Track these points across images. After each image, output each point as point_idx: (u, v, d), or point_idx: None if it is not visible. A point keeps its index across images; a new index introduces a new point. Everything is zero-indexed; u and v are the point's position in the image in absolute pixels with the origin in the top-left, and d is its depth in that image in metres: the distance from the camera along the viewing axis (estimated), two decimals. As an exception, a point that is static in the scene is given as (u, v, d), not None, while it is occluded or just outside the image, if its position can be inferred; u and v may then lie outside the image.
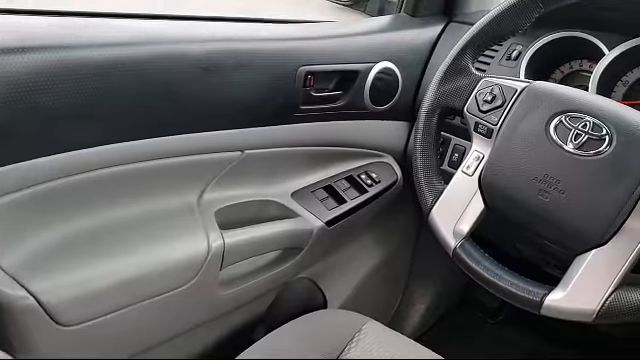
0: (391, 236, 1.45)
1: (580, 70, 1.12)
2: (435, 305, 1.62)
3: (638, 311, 0.68)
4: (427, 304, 1.60)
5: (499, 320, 1.65)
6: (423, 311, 1.59)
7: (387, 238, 1.44)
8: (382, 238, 1.42)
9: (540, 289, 0.75)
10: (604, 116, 0.74)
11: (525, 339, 1.57)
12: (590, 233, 0.72)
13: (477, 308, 1.67)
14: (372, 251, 1.40)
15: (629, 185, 0.70)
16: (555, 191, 0.74)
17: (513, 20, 0.85)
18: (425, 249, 1.54)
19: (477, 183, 0.83)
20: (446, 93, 0.88)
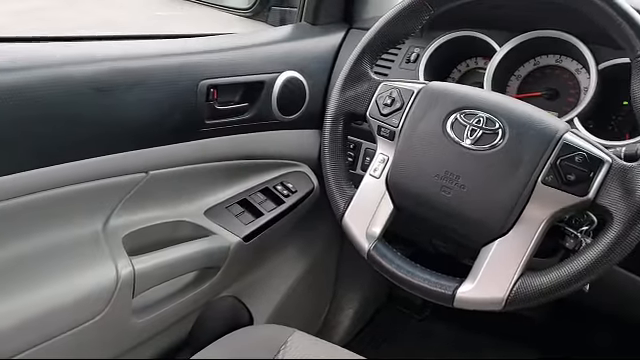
0: (314, 244, 1.45)
1: (476, 68, 1.17)
2: (364, 308, 1.63)
3: (543, 295, 0.71)
4: (355, 308, 1.61)
5: (425, 316, 1.68)
6: (352, 315, 1.60)
7: (310, 247, 1.43)
8: (304, 247, 1.41)
9: (451, 282, 0.76)
10: (496, 111, 0.77)
11: (450, 331, 1.61)
12: (492, 224, 0.74)
13: (403, 306, 1.69)
14: (295, 261, 1.39)
15: (524, 175, 0.73)
16: (456, 186, 0.76)
17: (405, 23, 0.86)
18: (349, 254, 1.55)
19: (385, 185, 0.84)
20: (348, 100, 0.89)
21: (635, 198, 0.66)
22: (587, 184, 0.70)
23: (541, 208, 0.72)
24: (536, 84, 1.10)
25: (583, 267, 0.68)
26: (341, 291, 1.60)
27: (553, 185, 0.71)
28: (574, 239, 0.78)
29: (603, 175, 0.69)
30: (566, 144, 0.72)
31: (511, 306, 0.72)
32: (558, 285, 0.70)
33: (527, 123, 0.75)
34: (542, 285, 0.70)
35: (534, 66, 1.10)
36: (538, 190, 0.72)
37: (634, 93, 0.70)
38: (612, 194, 0.68)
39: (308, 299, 1.49)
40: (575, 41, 0.99)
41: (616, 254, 0.67)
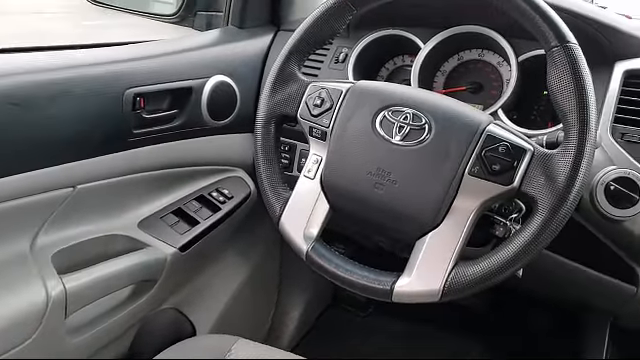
0: (255, 250, 1.44)
1: (403, 65, 1.19)
2: (309, 310, 1.63)
3: (477, 283, 0.73)
4: (301, 311, 1.61)
5: (370, 312, 1.70)
6: (298, 318, 1.60)
7: (251, 252, 1.42)
8: (245, 253, 1.40)
9: (389, 277, 0.77)
10: (421, 107, 0.79)
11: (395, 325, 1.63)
12: (424, 217, 0.75)
13: (348, 304, 1.70)
14: (236, 268, 1.38)
15: (451, 168, 0.74)
16: (388, 182, 0.78)
17: (329, 23, 0.87)
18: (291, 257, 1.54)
19: (319, 185, 0.84)
20: (278, 102, 0.89)
21: (557, 184, 0.69)
22: (512, 173, 0.72)
23: (470, 199, 0.74)
24: (461, 79, 1.13)
25: (513, 254, 0.70)
26: (285, 295, 1.59)
27: (480, 176, 0.73)
28: (504, 227, 0.81)
29: (526, 163, 0.72)
30: (490, 135, 0.74)
31: (447, 296, 0.74)
32: (491, 273, 0.72)
33: (451, 117, 0.77)
34: (475, 274, 0.72)
35: (458, 61, 1.13)
36: (466, 181, 0.74)
37: (550, 83, 0.73)
38: (535, 181, 0.71)
39: (252, 305, 1.48)
40: (495, 35, 1.03)
41: (543, 239, 0.70)
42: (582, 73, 0.70)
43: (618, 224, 0.87)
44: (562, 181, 0.69)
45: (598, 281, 0.97)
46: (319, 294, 1.67)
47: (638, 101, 0.90)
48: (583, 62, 0.70)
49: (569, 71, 0.70)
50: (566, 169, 0.69)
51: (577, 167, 0.68)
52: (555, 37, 0.71)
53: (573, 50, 0.70)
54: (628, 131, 0.89)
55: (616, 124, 0.90)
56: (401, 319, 1.63)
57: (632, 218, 0.84)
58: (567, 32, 0.71)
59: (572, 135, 0.69)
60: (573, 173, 0.68)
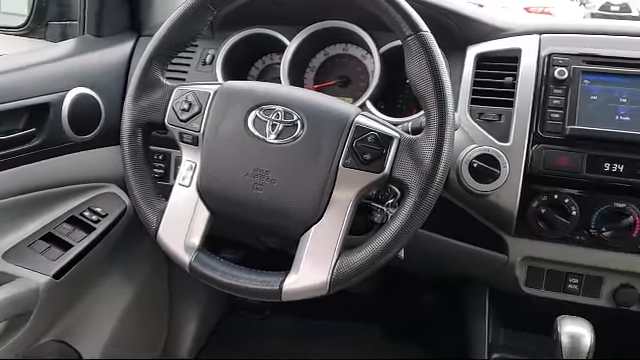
0: (139, 267, 1.37)
1: (272, 64, 1.19)
2: (205, 321, 1.59)
3: (362, 270, 0.74)
4: (196, 323, 1.56)
5: (267, 314, 1.69)
6: (194, 330, 1.55)
7: (135, 271, 1.36)
8: (129, 272, 1.33)
9: (277, 277, 0.77)
10: (291, 103, 0.79)
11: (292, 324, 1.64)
12: (305, 213, 0.76)
13: (244, 309, 1.69)
14: (121, 289, 1.31)
15: (326, 161, 0.75)
16: (267, 182, 0.77)
17: (189, 25, 0.84)
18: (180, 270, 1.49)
19: (196, 192, 0.82)
20: (143, 109, 0.85)
21: (424, 166, 0.72)
22: (382, 160, 0.74)
23: (347, 189, 0.75)
24: (330, 73, 1.16)
25: (391, 237, 0.73)
26: (178, 309, 1.54)
27: (353, 166, 0.75)
28: (381, 213, 0.83)
29: (394, 150, 0.74)
30: (358, 126, 0.76)
31: (336, 287, 0.75)
32: (373, 258, 0.74)
33: (321, 112, 0.78)
34: (359, 261, 0.74)
35: (325, 56, 1.15)
36: (341, 173, 0.75)
37: (408, 71, 0.76)
38: (404, 166, 0.74)
39: (143, 325, 1.41)
40: (357, 29, 1.06)
41: (417, 219, 0.73)
42: (436, 59, 0.73)
43: (484, 198, 0.93)
44: (428, 163, 0.72)
45: (473, 254, 1.03)
46: (214, 303, 1.63)
47: (491, 82, 0.97)
48: (436, 49, 0.74)
49: (424, 58, 0.73)
50: (430, 151, 0.72)
51: (440, 149, 0.72)
52: (409, 27, 0.74)
53: (426, 38, 0.74)
54: (484, 111, 0.95)
55: (473, 105, 0.96)
56: (299, 316, 1.64)
57: (495, 191, 0.90)
58: (419, 21, 0.75)
59: (432, 119, 0.73)
60: (437, 155, 0.72)
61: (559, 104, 0.90)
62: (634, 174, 0.87)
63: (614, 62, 0.91)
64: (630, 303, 0.98)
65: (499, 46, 0.99)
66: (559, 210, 0.92)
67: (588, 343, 0.82)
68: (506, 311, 1.21)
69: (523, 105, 0.92)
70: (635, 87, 0.88)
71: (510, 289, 1.05)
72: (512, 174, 0.90)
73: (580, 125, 0.88)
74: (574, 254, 0.97)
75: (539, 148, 0.90)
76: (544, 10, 6.66)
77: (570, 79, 0.90)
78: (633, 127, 0.87)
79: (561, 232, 0.93)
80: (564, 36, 0.97)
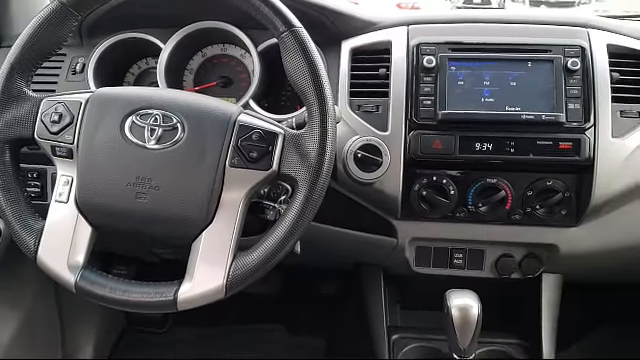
0: (23, 293, 1.28)
1: (149, 68, 1.16)
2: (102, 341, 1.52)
3: (259, 269, 0.74)
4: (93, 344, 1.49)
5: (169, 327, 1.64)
6: (91, 353, 1.47)
7: (18, 298, 1.26)
8: (12, 300, 1.24)
9: (171, 287, 0.75)
10: (170, 106, 0.77)
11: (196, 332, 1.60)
12: (194, 217, 0.74)
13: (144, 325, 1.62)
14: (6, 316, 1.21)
15: (211, 163, 0.74)
16: (151, 190, 0.75)
17: (52, 33, 0.79)
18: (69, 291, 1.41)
19: (76, 208, 0.77)
20: (8, 124, 0.79)
21: (310, 160, 0.73)
22: (269, 157, 0.75)
23: (236, 190, 0.75)
24: (210, 75, 1.14)
25: (284, 233, 0.73)
26: (71, 332, 1.45)
27: (240, 166, 0.74)
28: (273, 210, 0.84)
29: (280, 146, 0.75)
30: (242, 125, 0.75)
31: (233, 289, 0.74)
32: (268, 256, 0.74)
33: (202, 113, 0.76)
34: (254, 261, 0.74)
35: (203, 58, 1.14)
36: (228, 174, 0.74)
37: (286, 67, 0.76)
38: (291, 161, 0.75)
39: (34, 353, 1.31)
40: (233, 29, 1.05)
41: (308, 213, 0.74)
42: (312, 54, 0.74)
43: (370, 186, 0.96)
44: (314, 157, 0.73)
45: (365, 241, 1.06)
46: (110, 322, 1.56)
47: (366, 74, 1.00)
48: (311, 44, 0.75)
49: (300, 54, 0.74)
50: (315, 145, 0.73)
51: (324, 142, 0.73)
52: (282, 23, 0.75)
53: (300, 34, 0.75)
54: (363, 102, 0.98)
55: (352, 97, 0.99)
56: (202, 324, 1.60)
57: (380, 179, 0.94)
58: (292, 18, 0.76)
59: (314, 113, 0.74)
60: (322, 147, 0.73)
61: (430, 91, 0.95)
62: (502, 151, 0.94)
63: (477, 48, 0.98)
64: (510, 271, 1.06)
65: (371, 39, 1.02)
66: (439, 191, 0.98)
67: (476, 313, 0.88)
68: (401, 292, 1.26)
69: (397, 94, 0.96)
70: (496, 70, 0.95)
71: (402, 270, 1.10)
72: (393, 161, 0.94)
73: (450, 109, 0.94)
74: (456, 230, 1.03)
75: (416, 134, 0.95)
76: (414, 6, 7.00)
77: (438, 67, 0.95)
78: (497, 107, 0.94)
79: (443, 211, 0.99)
80: (430, 26, 1.03)
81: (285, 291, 1.67)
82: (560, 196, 0.96)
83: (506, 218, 0.99)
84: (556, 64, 0.94)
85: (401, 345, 1.15)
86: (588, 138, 0.92)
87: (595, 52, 0.96)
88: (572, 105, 0.92)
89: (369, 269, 1.21)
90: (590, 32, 0.98)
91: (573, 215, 0.98)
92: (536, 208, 0.97)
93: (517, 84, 0.94)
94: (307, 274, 1.56)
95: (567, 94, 0.93)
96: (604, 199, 0.94)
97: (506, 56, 0.96)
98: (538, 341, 1.11)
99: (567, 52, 0.94)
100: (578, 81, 0.93)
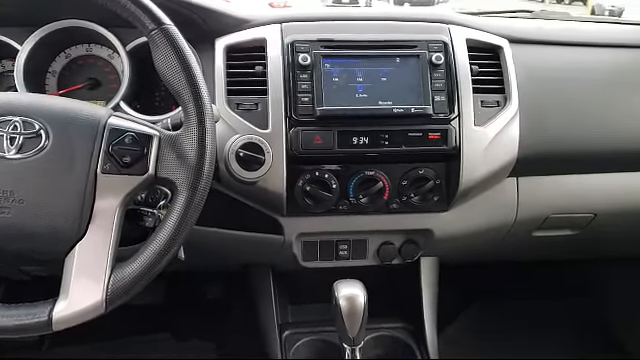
0: None
1: (5, 72, 1.06)
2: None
3: (140, 279, 0.70)
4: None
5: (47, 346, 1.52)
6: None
7: None
8: None
9: (44, 307, 0.69)
10: (31, 112, 0.71)
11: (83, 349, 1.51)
12: (65, 230, 0.69)
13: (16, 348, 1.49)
14: None
15: (81, 171, 0.70)
16: (14, 203, 0.69)
17: None
18: None
19: None
20: None
21: (189, 161, 0.71)
22: (144, 161, 0.71)
23: (110, 198, 0.71)
24: (75, 77, 1.07)
25: (164, 239, 0.71)
26: None
27: (113, 172, 0.71)
28: (152, 217, 0.80)
29: (156, 149, 0.72)
30: (113, 129, 0.71)
31: (114, 303, 0.70)
32: (149, 265, 0.71)
33: (68, 118, 0.71)
34: (135, 272, 0.70)
35: (67, 59, 1.06)
36: (100, 181, 0.70)
37: (158, 67, 0.74)
38: (169, 164, 0.72)
39: None
40: (98, 28, 0.99)
41: (190, 216, 0.72)
42: (184, 52, 0.72)
43: (254, 185, 0.95)
44: (193, 157, 0.71)
45: (253, 240, 1.06)
46: None
47: (243, 72, 0.99)
48: (182, 41, 0.73)
49: (171, 51, 0.72)
50: (193, 145, 0.71)
51: (203, 141, 0.72)
52: (151, 21, 0.72)
53: (170, 31, 0.72)
54: (241, 100, 0.97)
55: (230, 96, 0.98)
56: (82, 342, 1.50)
57: (263, 177, 0.93)
58: (161, 15, 0.73)
59: (190, 112, 0.72)
60: (201, 147, 0.71)
61: (307, 88, 0.96)
62: (377, 144, 0.98)
63: (348, 45, 1.00)
64: (391, 258, 1.11)
65: (245, 37, 1.02)
66: (321, 185, 1.00)
67: (362, 301, 0.90)
68: (291, 288, 1.27)
69: (276, 92, 0.97)
70: (368, 66, 0.99)
71: (291, 267, 1.10)
72: (276, 158, 0.94)
73: (327, 106, 0.96)
74: (340, 223, 1.06)
75: (296, 131, 0.96)
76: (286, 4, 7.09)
77: (313, 64, 0.97)
78: (370, 102, 0.97)
79: (326, 205, 1.01)
80: (303, 24, 1.04)
81: (171, 299, 1.61)
82: (432, 184, 1.02)
83: (385, 208, 1.03)
84: (422, 59, 0.99)
85: (293, 341, 1.16)
86: (454, 128, 0.99)
87: (456, 47, 1.02)
88: (438, 97, 0.98)
89: (258, 268, 1.21)
90: (451, 28, 1.05)
91: (444, 201, 1.04)
92: (411, 196, 1.03)
93: (387, 79, 0.98)
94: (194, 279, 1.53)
95: (433, 87, 0.98)
96: (470, 184, 1.02)
97: (376, 53, 1.00)
98: (421, 322, 1.17)
99: (431, 47, 1.00)
100: (442, 75, 0.99)
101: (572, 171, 1.12)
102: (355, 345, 0.92)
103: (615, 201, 1.15)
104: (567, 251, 1.36)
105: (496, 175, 1.04)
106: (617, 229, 1.22)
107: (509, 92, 1.03)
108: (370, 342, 1.14)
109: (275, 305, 1.18)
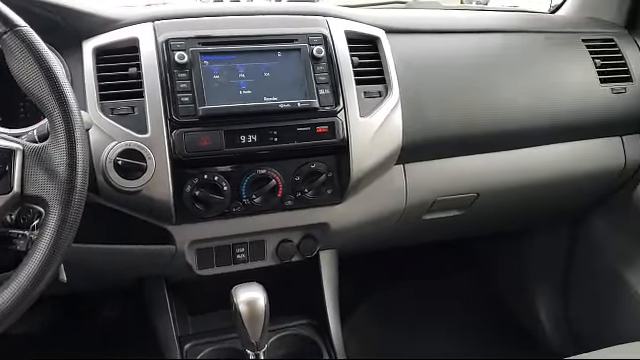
0: None
1: None
2: None
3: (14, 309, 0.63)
4: None
5: None
6: None
7: None
8: None
9: None
10: None
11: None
12: None
13: None
14: None
15: None
16: None
17: None
18: None
19: None
20: None
21: (59, 175, 0.65)
22: (7, 179, 0.65)
23: None
24: None
25: (39, 263, 0.64)
26: None
27: None
28: (23, 239, 0.73)
29: (20, 164, 0.65)
30: None
31: None
32: (24, 291, 0.64)
33: None
34: (6, 302, 0.63)
35: None
36: None
37: (15, 73, 0.67)
38: (37, 180, 0.66)
39: None
40: None
41: (66, 234, 0.66)
42: (44, 56, 0.66)
43: (137, 194, 0.90)
44: (63, 170, 0.65)
45: (142, 253, 1.00)
46: None
47: (116, 75, 0.93)
48: (41, 44, 0.67)
49: (29, 56, 0.65)
50: (63, 157, 0.65)
51: (73, 152, 0.66)
52: (2, 23, 0.65)
53: (25, 33, 0.66)
54: (116, 105, 0.91)
55: (103, 101, 0.91)
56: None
57: (147, 185, 0.88)
58: (13, 16, 0.66)
59: (57, 120, 0.66)
60: (71, 159, 0.66)
61: (186, 87, 0.92)
62: (267, 141, 0.96)
63: (227, 41, 0.97)
64: (290, 255, 1.09)
65: (115, 37, 0.95)
66: (212, 189, 0.96)
67: (262, 304, 0.88)
68: (189, 299, 1.22)
69: (153, 94, 0.91)
70: (249, 62, 0.96)
71: (186, 276, 1.06)
72: (159, 164, 0.89)
73: (210, 105, 0.92)
74: (235, 226, 1.02)
75: (179, 133, 0.91)
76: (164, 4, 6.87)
77: (191, 62, 0.93)
78: (255, 99, 0.95)
79: (218, 208, 0.97)
80: (177, 21, 0.99)
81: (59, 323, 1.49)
82: (324, 177, 1.01)
83: (280, 205, 1.02)
84: (303, 52, 0.98)
85: (195, 352, 1.11)
86: (340, 120, 0.99)
87: (335, 39, 1.02)
88: (323, 91, 0.98)
89: (151, 282, 1.14)
90: (329, 20, 1.05)
91: (337, 193, 1.05)
92: (305, 192, 1.02)
93: (271, 74, 0.96)
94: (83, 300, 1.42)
95: (317, 80, 0.98)
96: (360, 175, 1.03)
97: (256, 48, 0.98)
98: (324, 316, 1.17)
99: (311, 40, 1.00)
100: (325, 67, 0.99)
101: (455, 154, 1.16)
102: (259, 349, 0.90)
103: (495, 180, 1.22)
104: (455, 231, 1.42)
105: (384, 164, 1.06)
106: (498, 207, 1.30)
107: (389, 82, 1.05)
108: (275, 343, 1.12)
109: (173, 318, 1.12)
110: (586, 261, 1.51)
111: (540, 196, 1.31)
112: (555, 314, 1.62)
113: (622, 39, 1.30)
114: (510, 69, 1.19)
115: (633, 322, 1.33)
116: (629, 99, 1.25)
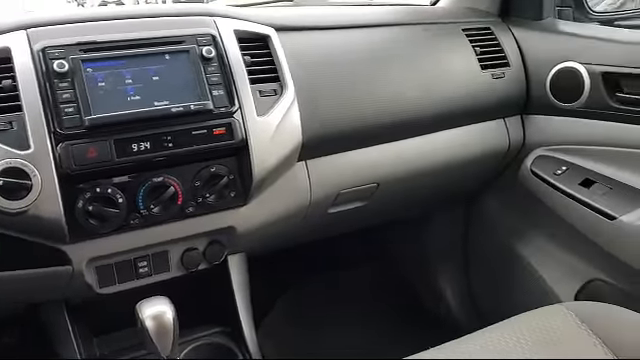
0: None
1: None
2: None
3: None
4: None
5: None
6: None
7: None
8: None
9: None
10: None
11: None
12: None
13: None
14: None
15: None
16: None
17: None
18: None
19: None
20: None
21: None
22: None
23: None
24: None
25: None
26: None
27: None
28: None
29: None
30: None
31: None
32: None
33: None
34: None
35: None
36: None
37: None
38: None
39: None
40: None
41: None
42: None
43: (24, 215, 0.83)
44: None
45: (34, 277, 0.93)
46: None
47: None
48: None
49: None
50: None
51: None
52: None
53: None
54: None
55: None
56: None
57: (34, 204, 0.83)
58: None
59: None
60: None
61: (70, 97, 0.86)
62: (161, 147, 0.92)
63: (112, 46, 0.93)
64: (196, 264, 1.06)
65: (-17, 47, 0.87)
66: (106, 202, 0.91)
67: (170, 317, 0.85)
68: (93, 320, 1.15)
69: (32, 106, 0.85)
70: (136, 67, 0.92)
71: (87, 297, 1.00)
72: (46, 181, 0.84)
73: (96, 114, 0.87)
74: (135, 239, 0.98)
75: (65, 146, 0.85)
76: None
77: (72, 70, 0.87)
78: (145, 104, 0.91)
79: (115, 222, 0.92)
80: (54, 28, 0.93)
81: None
82: (226, 180, 0.99)
83: (181, 213, 0.98)
84: (192, 54, 0.96)
85: (104, 376, 1.05)
86: (237, 121, 0.97)
87: (225, 39, 1.01)
88: (216, 92, 0.96)
89: (48, 307, 1.07)
90: (217, 20, 1.03)
91: (241, 195, 1.03)
92: (206, 196, 0.99)
93: (160, 78, 0.93)
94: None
95: (209, 82, 0.96)
96: (263, 174, 1.01)
97: (142, 51, 0.94)
98: (237, 321, 1.15)
99: (200, 41, 0.97)
100: (216, 68, 0.97)
101: (353, 147, 1.18)
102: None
103: (392, 169, 1.25)
104: (360, 222, 1.45)
105: (286, 162, 1.06)
106: (397, 195, 1.34)
107: (283, 80, 1.05)
108: (190, 354, 1.10)
109: (76, 342, 1.06)
110: (482, 239, 1.60)
111: (435, 181, 1.36)
112: (460, 292, 1.70)
113: (497, 27, 1.38)
114: (396, 61, 1.22)
115: (528, 294, 1.42)
116: (508, 83, 1.33)
